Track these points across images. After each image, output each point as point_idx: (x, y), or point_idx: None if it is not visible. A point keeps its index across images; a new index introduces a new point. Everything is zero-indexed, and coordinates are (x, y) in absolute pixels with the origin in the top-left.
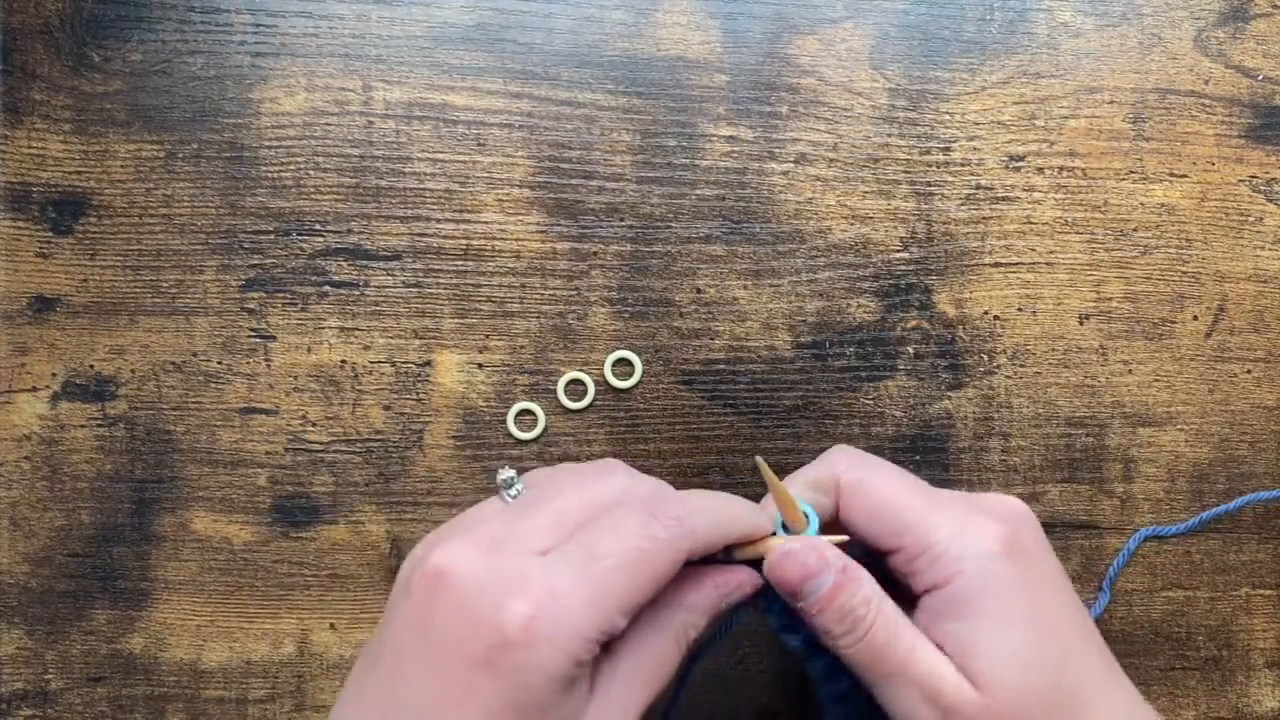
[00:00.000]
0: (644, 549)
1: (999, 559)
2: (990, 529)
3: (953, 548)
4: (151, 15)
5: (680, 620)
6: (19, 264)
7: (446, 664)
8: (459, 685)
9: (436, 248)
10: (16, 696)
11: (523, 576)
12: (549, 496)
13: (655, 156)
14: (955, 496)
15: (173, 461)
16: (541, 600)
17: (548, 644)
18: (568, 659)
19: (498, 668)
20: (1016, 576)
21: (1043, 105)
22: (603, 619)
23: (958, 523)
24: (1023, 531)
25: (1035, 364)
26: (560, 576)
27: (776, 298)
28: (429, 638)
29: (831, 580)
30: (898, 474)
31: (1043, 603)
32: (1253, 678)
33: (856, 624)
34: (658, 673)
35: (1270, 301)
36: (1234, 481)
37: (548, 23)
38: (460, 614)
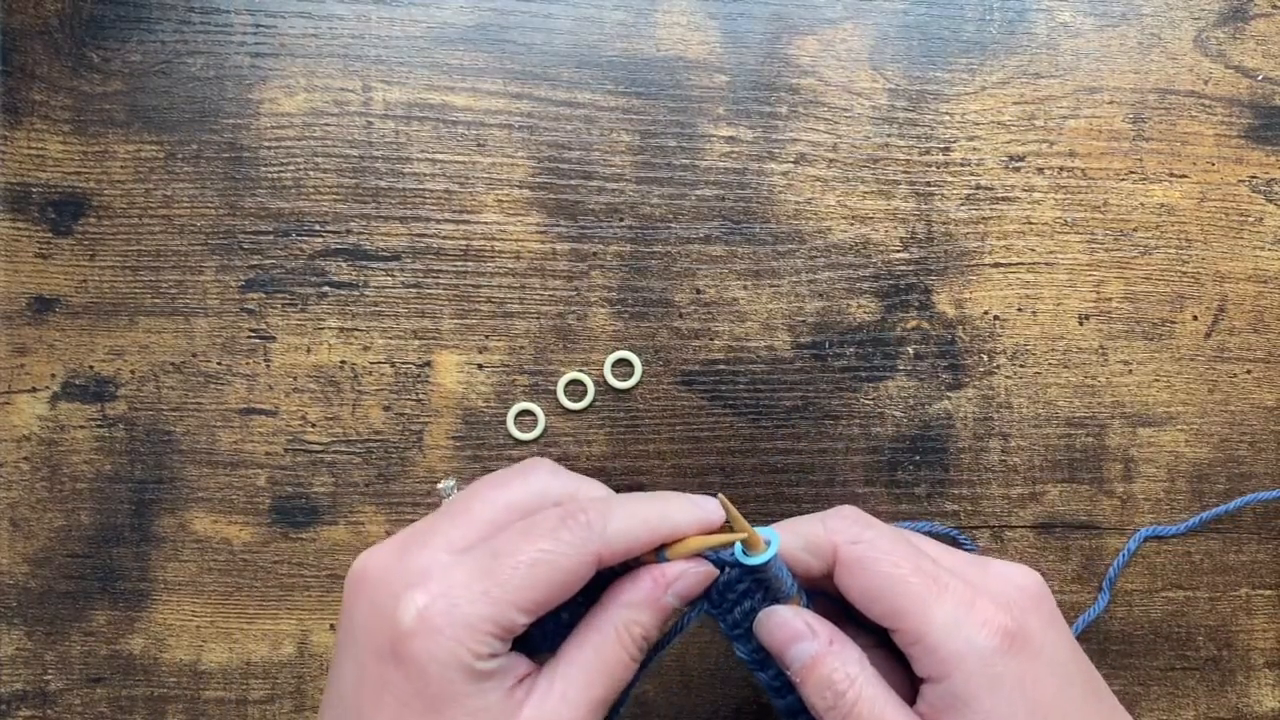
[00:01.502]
0: (547, 549)
1: (998, 656)
2: (991, 621)
3: (949, 641)
4: (151, 15)
5: (619, 618)
6: (18, 264)
7: (363, 658)
8: (374, 678)
9: (436, 248)
10: (16, 697)
11: (425, 572)
12: (465, 499)
13: (655, 157)
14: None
15: (172, 462)
16: (436, 592)
17: (439, 634)
18: (462, 649)
19: (400, 658)
20: (1017, 675)
21: (1043, 105)
22: (497, 613)
23: (957, 612)
24: (1029, 620)
25: (1035, 364)
26: (460, 572)
27: (776, 298)
28: (352, 635)
29: (814, 650)
30: (900, 548)
31: (1048, 702)
32: (1253, 678)
33: (838, 700)
34: (602, 670)
35: (1270, 301)
36: (1234, 481)
37: (548, 23)
38: (370, 610)
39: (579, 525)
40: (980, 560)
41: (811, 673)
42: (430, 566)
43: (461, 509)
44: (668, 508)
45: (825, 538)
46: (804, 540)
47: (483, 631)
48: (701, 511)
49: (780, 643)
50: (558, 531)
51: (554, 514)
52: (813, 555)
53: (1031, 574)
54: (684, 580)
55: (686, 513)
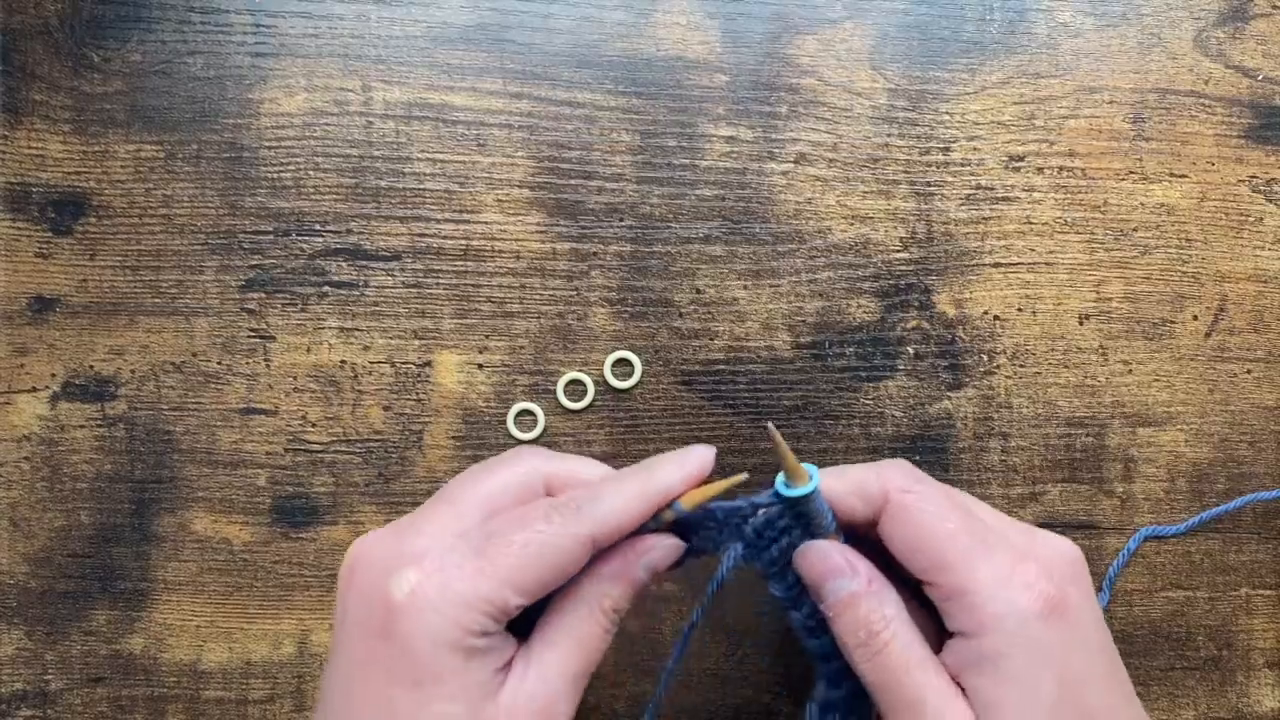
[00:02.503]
0: (540, 530)
1: (1037, 621)
2: (1035, 587)
3: (991, 600)
4: (151, 15)
5: (591, 591)
6: (18, 264)
7: (354, 640)
8: (365, 656)
9: (436, 248)
10: (16, 697)
11: (419, 553)
12: (457, 485)
13: (655, 156)
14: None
15: (172, 462)
16: (430, 570)
17: (432, 610)
18: (453, 625)
19: (391, 636)
20: (1053, 642)
21: (1042, 105)
22: (489, 590)
23: (1001, 572)
24: (1071, 590)
25: (1035, 364)
26: (454, 553)
27: (776, 298)
28: (345, 618)
29: (852, 587)
30: (951, 503)
31: (1076, 672)
32: (1253, 678)
33: (871, 639)
34: (576, 644)
35: (1270, 301)
36: (1234, 481)
37: (548, 23)
38: (363, 590)
39: (569, 509)
40: (1027, 527)
41: (847, 609)
42: (424, 548)
43: (454, 495)
44: (654, 475)
45: (877, 483)
46: (854, 484)
47: (475, 609)
48: (688, 468)
49: (819, 575)
50: (549, 516)
51: (546, 501)
52: (862, 500)
53: (1073, 546)
54: (653, 555)
55: (673, 474)
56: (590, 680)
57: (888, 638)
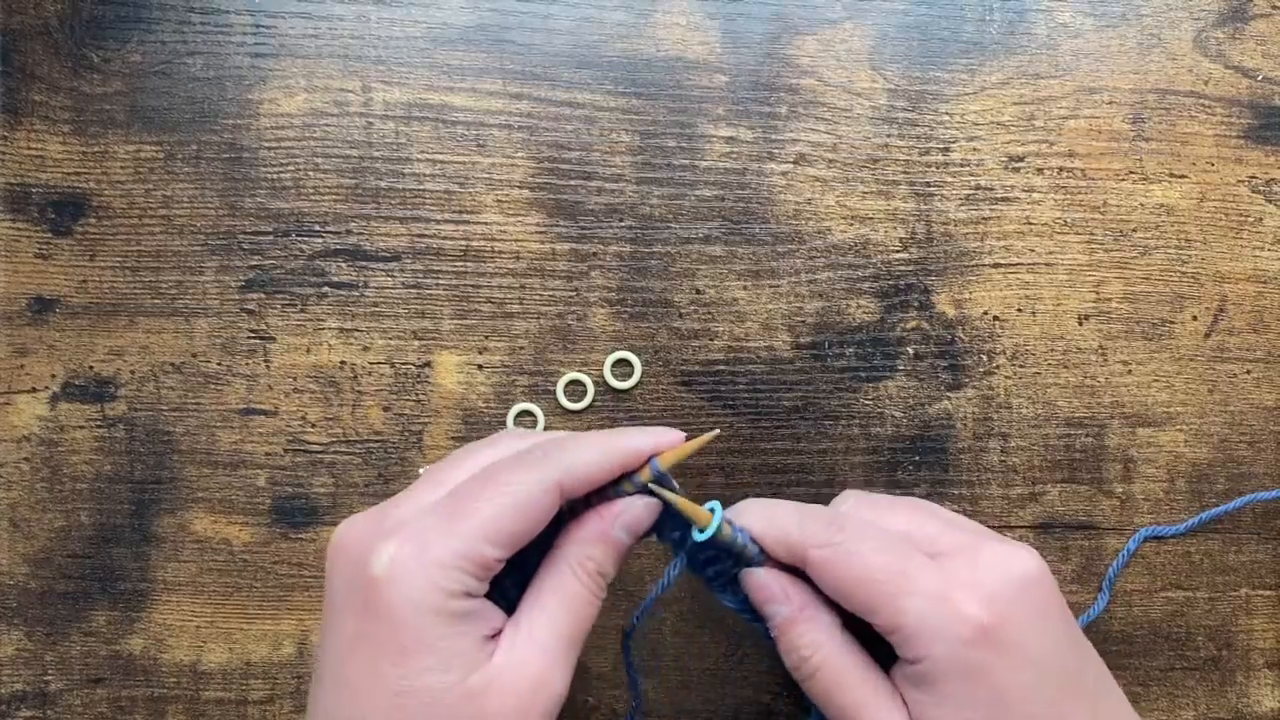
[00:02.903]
0: (507, 481)
1: (970, 647)
2: (968, 615)
3: (922, 630)
4: (151, 16)
5: (572, 554)
6: (18, 265)
7: (342, 618)
8: (352, 633)
9: (436, 248)
10: (16, 697)
11: (395, 527)
12: (437, 468)
13: (655, 157)
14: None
15: (172, 462)
16: (406, 538)
17: (410, 576)
18: (433, 587)
19: (374, 607)
20: (987, 665)
21: (1042, 106)
22: (465, 546)
23: (928, 605)
24: (1011, 612)
25: (1035, 364)
26: (427, 518)
27: (776, 298)
28: (331, 599)
29: (785, 613)
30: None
31: (1012, 691)
32: (1252, 678)
33: (802, 664)
34: (564, 606)
35: (1270, 301)
36: (1234, 481)
37: (547, 23)
38: (346, 570)
39: (536, 458)
40: (975, 543)
41: (783, 635)
42: (401, 521)
43: (435, 476)
44: (622, 433)
45: (798, 538)
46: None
47: (453, 567)
48: (658, 438)
49: (759, 602)
50: (515, 467)
51: (513, 454)
52: (785, 550)
53: (1027, 561)
54: (628, 514)
55: (643, 439)
56: (590, 680)
57: (818, 662)
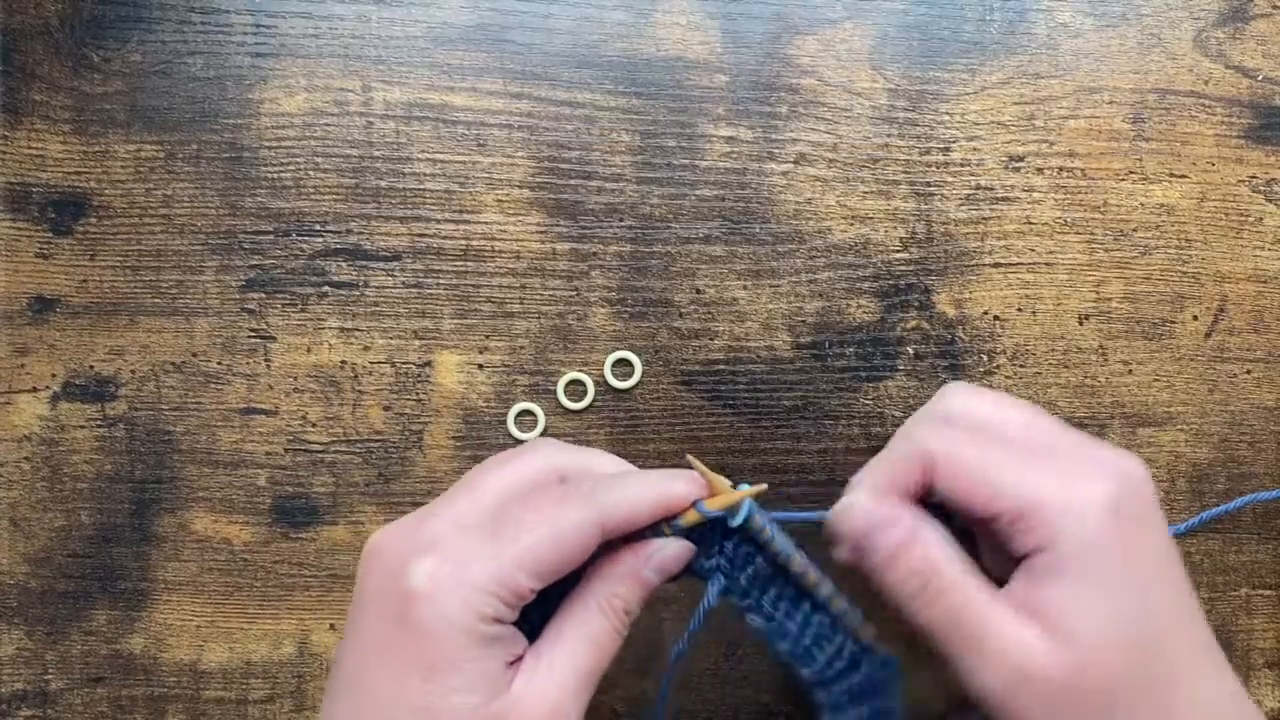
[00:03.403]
0: (551, 513)
1: (1102, 521)
2: (1097, 488)
3: (1054, 509)
4: (151, 15)
5: (601, 590)
6: (19, 264)
7: (371, 623)
8: (380, 641)
9: (436, 248)
10: (16, 697)
11: (434, 540)
12: (473, 476)
13: (655, 157)
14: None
15: (173, 462)
16: (445, 556)
17: (448, 595)
18: (468, 610)
19: (406, 621)
20: (1120, 542)
21: (1042, 105)
22: (503, 573)
23: (1061, 480)
24: (1134, 495)
25: (1035, 364)
26: (468, 537)
27: (776, 298)
28: (361, 604)
29: (899, 533)
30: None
31: (1145, 574)
32: (1253, 678)
33: (927, 582)
34: (587, 641)
35: (1270, 301)
36: (1234, 481)
37: (547, 23)
38: (380, 576)
39: (581, 494)
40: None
41: (899, 558)
42: (439, 534)
43: (470, 486)
44: (667, 477)
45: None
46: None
47: (489, 592)
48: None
49: (862, 530)
50: (560, 500)
51: (558, 486)
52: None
53: (1136, 461)
54: (662, 555)
55: (689, 487)
56: None
57: (942, 582)
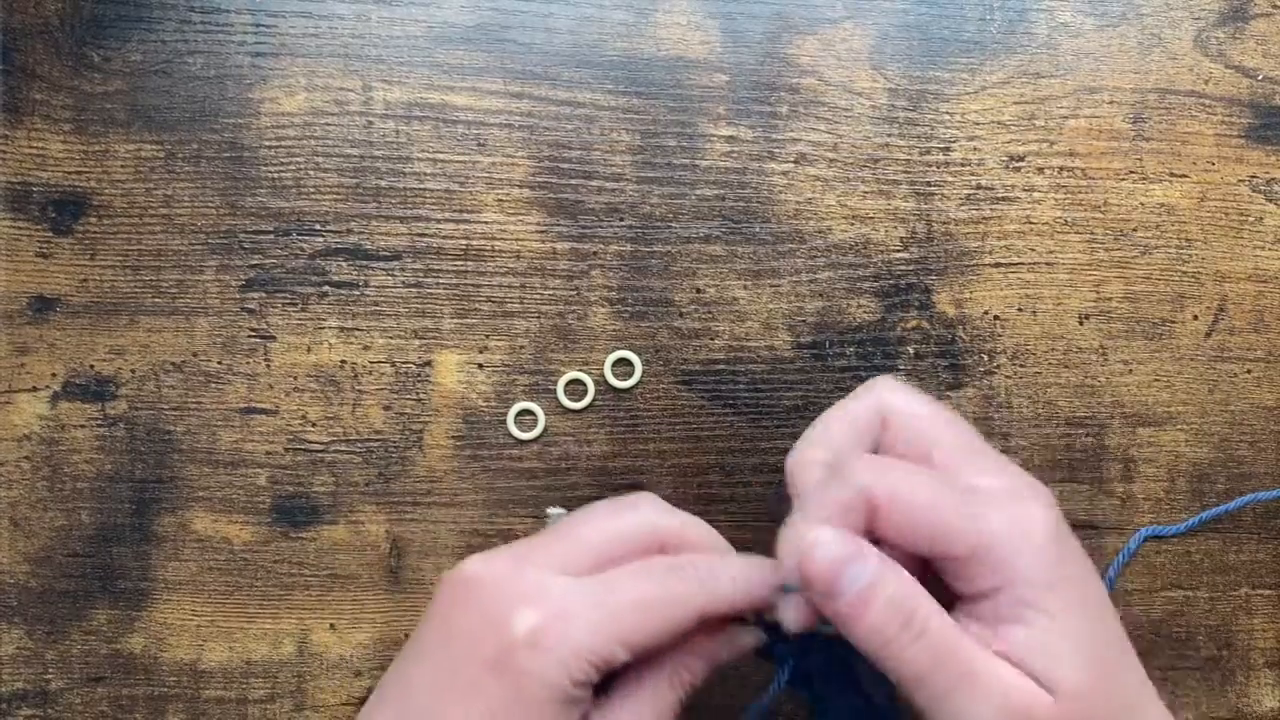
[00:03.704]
0: (659, 593)
1: (1051, 553)
2: (1037, 516)
3: (1007, 548)
4: (151, 15)
5: (678, 663)
6: (19, 264)
7: (459, 661)
8: (467, 682)
9: (436, 248)
10: (16, 696)
11: (540, 590)
12: (575, 523)
13: (655, 156)
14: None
15: (173, 461)
16: (552, 612)
17: (549, 654)
18: (565, 672)
19: (503, 669)
20: (1068, 573)
21: (1043, 105)
22: (603, 644)
23: (1006, 513)
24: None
25: (1035, 364)
26: (574, 596)
27: (776, 298)
28: (448, 636)
29: (872, 569)
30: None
31: (1091, 601)
32: (1253, 678)
33: (911, 619)
34: (653, 710)
35: (1270, 301)
36: (1234, 481)
37: (548, 23)
38: (477, 616)
39: (691, 577)
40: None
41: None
42: (545, 586)
43: (572, 533)
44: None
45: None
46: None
47: (586, 660)
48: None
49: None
50: (670, 578)
51: (668, 561)
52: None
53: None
54: (740, 641)
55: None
56: None
57: (927, 612)
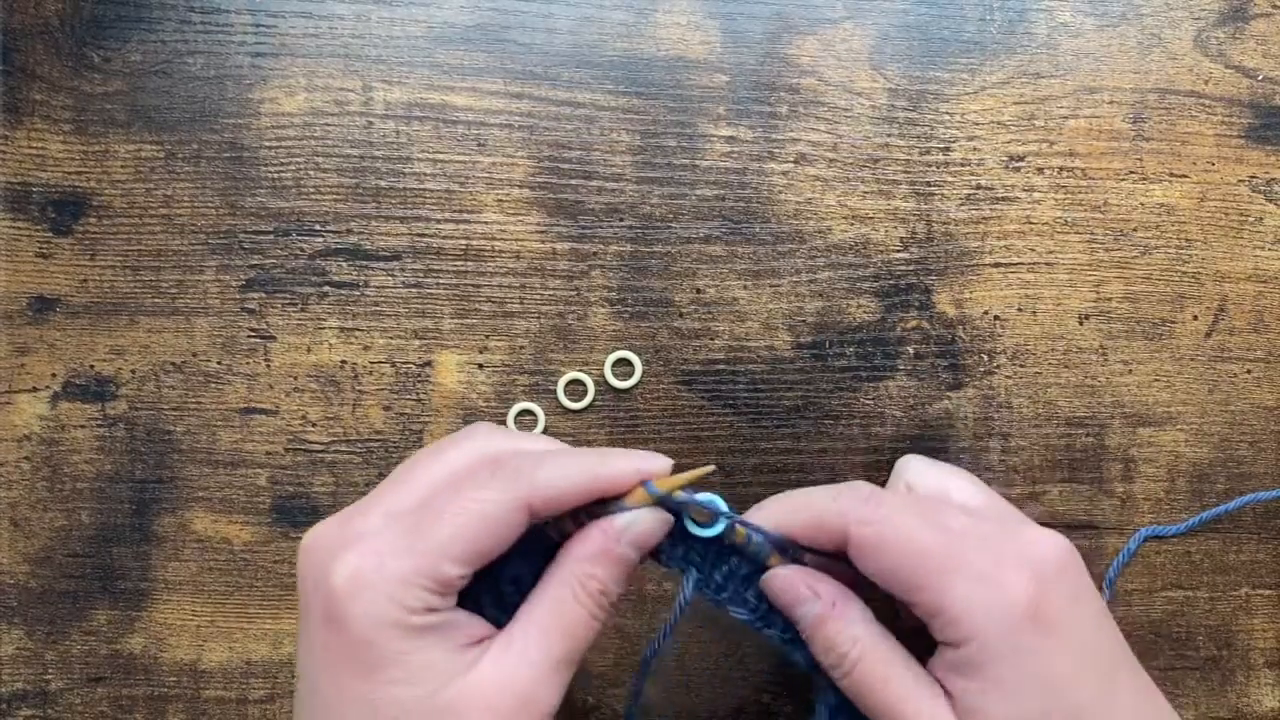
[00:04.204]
0: (475, 497)
1: (1019, 626)
2: (1015, 591)
3: (968, 614)
4: (151, 15)
5: (574, 572)
6: (19, 264)
7: (309, 629)
8: (317, 645)
9: (436, 248)
10: (16, 696)
11: (360, 536)
12: (406, 467)
13: (655, 156)
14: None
15: (173, 461)
16: (366, 551)
17: (370, 591)
18: (392, 604)
19: (335, 621)
20: (1035, 646)
21: (1043, 105)
22: (426, 564)
23: (976, 584)
24: (1055, 590)
25: (1035, 364)
26: (388, 532)
27: (776, 298)
28: (302, 607)
29: (816, 611)
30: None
31: (1063, 675)
32: (1252, 678)
33: (841, 660)
34: (561, 627)
35: (1270, 301)
36: (1234, 481)
37: (548, 23)
38: (310, 579)
39: (506, 474)
40: (1013, 525)
41: (816, 632)
42: (365, 530)
43: (402, 477)
44: (605, 456)
45: (836, 519)
46: (812, 520)
47: (413, 584)
48: (644, 463)
49: (785, 603)
50: (485, 483)
51: (485, 469)
52: (823, 533)
53: (1060, 544)
54: (635, 528)
55: (625, 463)
56: (590, 679)
57: (856, 656)
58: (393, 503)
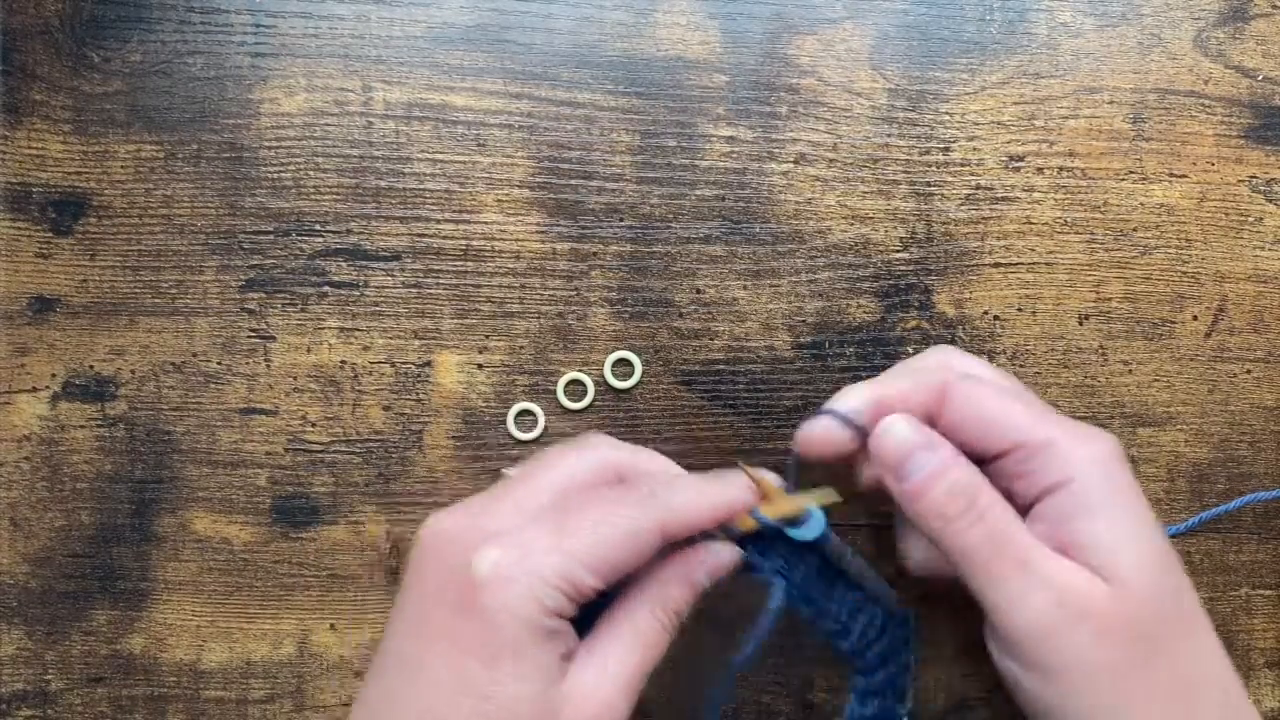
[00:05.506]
0: (614, 514)
1: (1114, 464)
2: (1101, 438)
3: (1071, 446)
4: (151, 15)
5: (657, 593)
6: (19, 264)
7: (429, 612)
8: (439, 630)
9: (436, 248)
10: (16, 697)
11: (498, 530)
12: (530, 469)
13: (655, 156)
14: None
15: (173, 462)
16: (511, 546)
17: (513, 585)
18: (533, 601)
19: (470, 609)
20: (1129, 484)
21: (1042, 105)
22: (567, 569)
23: (1070, 430)
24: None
25: (1035, 364)
26: (531, 530)
27: (776, 298)
28: (420, 591)
29: (942, 455)
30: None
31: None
32: (1253, 678)
33: (972, 503)
34: (637, 641)
35: (1270, 301)
36: (1234, 481)
37: (548, 23)
38: (442, 565)
39: (644, 495)
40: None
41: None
42: (502, 525)
43: (528, 477)
44: (724, 488)
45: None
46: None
47: (554, 587)
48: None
49: (896, 455)
50: (624, 499)
51: (617, 486)
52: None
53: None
54: (715, 560)
55: (741, 493)
56: None
57: (988, 501)
58: (522, 501)
